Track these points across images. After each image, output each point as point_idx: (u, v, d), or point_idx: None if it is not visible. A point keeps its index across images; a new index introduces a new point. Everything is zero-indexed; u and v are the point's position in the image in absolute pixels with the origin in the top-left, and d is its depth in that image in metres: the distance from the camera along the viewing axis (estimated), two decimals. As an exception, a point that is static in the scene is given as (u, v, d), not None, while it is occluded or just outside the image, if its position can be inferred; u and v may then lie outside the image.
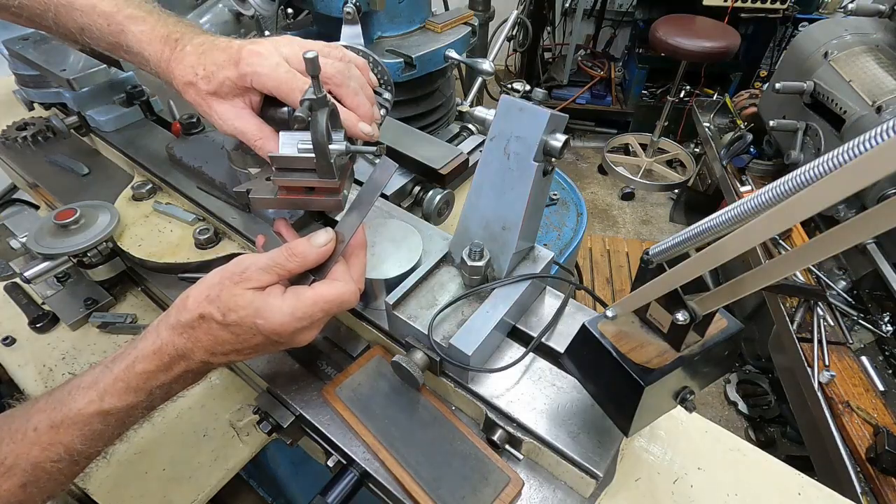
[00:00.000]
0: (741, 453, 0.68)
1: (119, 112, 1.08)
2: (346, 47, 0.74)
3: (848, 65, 1.61)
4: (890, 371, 1.36)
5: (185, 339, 0.55)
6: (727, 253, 0.37)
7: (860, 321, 1.46)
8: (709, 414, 2.22)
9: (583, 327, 0.55)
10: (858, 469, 1.20)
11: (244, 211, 0.87)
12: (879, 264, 1.45)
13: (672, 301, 0.47)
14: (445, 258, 0.70)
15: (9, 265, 0.96)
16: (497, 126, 0.60)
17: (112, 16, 0.68)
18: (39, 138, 1.15)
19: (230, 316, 0.54)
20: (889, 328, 1.42)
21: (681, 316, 0.46)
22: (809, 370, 1.37)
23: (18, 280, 0.98)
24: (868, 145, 0.26)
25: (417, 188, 0.97)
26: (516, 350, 0.68)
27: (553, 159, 0.59)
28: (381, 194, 0.91)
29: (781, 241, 1.68)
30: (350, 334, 0.77)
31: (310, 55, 0.53)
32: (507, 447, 0.63)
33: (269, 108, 0.67)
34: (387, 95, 0.80)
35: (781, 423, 2.02)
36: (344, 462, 0.66)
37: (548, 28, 3.74)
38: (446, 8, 1.36)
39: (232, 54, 0.63)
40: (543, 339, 0.67)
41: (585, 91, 3.79)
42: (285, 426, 0.68)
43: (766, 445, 1.98)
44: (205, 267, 0.86)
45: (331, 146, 0.59)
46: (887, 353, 1.40)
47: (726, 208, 0.37)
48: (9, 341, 0.91)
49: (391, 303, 0.64)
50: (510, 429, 0.62)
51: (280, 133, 0.63)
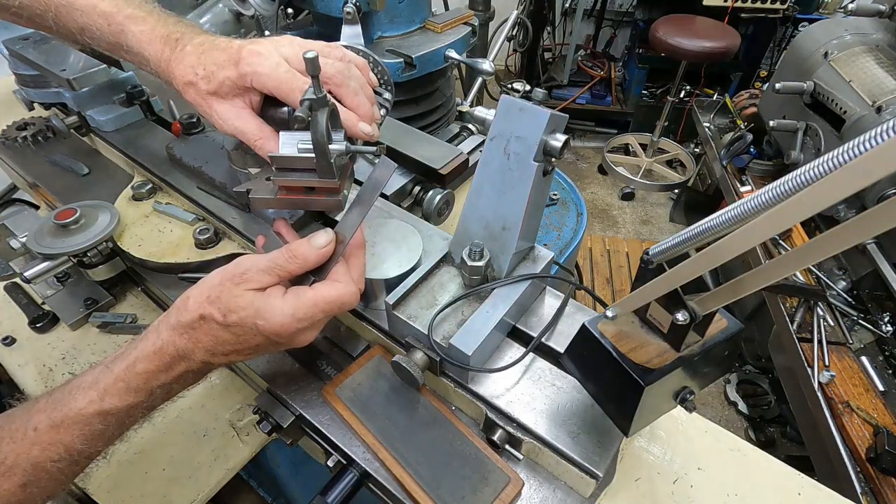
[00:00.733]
0: (741, 453, 0.68)
1: (119, 112, 1.08)
2: (346, 47, 0.74)
3: (848, 65, 1.61)
4: (890, 371, 1.36)
5: (186, 340, 0.55)
6: (727, 253, 0.37)
7: (860, 321, 1.46)
8: (709, 414, 2.22)
9: (583, 327, 0.55)
10: (858, 469, 1.20)
11: (244, 211, 0.87)
12: (879, 264, 1.45)
13: (672, 301, 0.47)
14: (445, 258, 0.70)
15: (9, 265, 0.97)
16: (497, 126, 0.60)
17: (112, 16, 0.68)
18: (39, 138, 1.15)
19: (231, 317, 0.54)
20: (889, 328, 1.42)
21: (681, 316, 0.46)
22: (809, 370, 1.37)
23: (18, 280, 0.98)
24: (868, 145, 0.26)
25: (417, 188, 0.97)
26: (516, 350, 0.68)
27: (553, 159, 0.59)
28: (381, 194, 0.91)
29: (781, 242, 1.68)
30: (350, 334, 0.77)
31: (310, 55, 0.53)
32: (507, 447, 0.63)
33: (269, 108, 0.67)
34: (387, 95, 0.80)
35: (781, 423, 2.02)
36: (344, 462, 0.66)
37: (548, 28, 3.74)
38: (446, 8, 1.36)
39: (232, 54, 0.63)
40: (543, 339, 0.67)
41: (585, 91, 3.79)
42: (285, 426, 0.68)
43: (766, 445, 1.98)
44: (205, 267, 0.86)
45: (331, 146, 0.60)
46: (887, 353, 1.40)
47: (726, 208, 0.37)
48: (9, 341, 0.91)
49: (391, 303, 0.64)
50: (510, 429, 0.62)
51: (280, 133, 0.63)
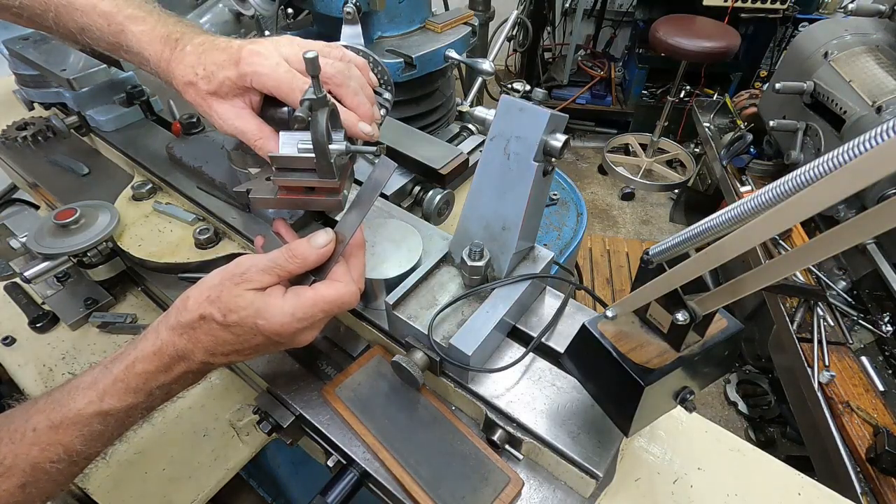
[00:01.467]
0: (741, 453, 0.68)
1: (119, 112, 1.08)
2: (346, 47, 0.74)
3: (848, 65, 1.61)
4: (890, 371, 1.36)
5: (186, 340, 0.55)
6: (727, 253, 0.37)
7: (860, 321, 1.46)
8: (709, 414, 2.22)
9: (583, 327, 0.55)
10: (858, 469, 1.20)
11: (244, 211, 0.87)
12: (879, 264, 1.45)
13: (672, 301, 0.47)
14: (445, 258, 0.70)
15: (9, 265, 0.97)
16: (497, 126, 0.60)
17: (112, 16, 0.68)
18: (39, 138, 1.15)
19: (231, 317, 0.54)
20: (889, 328, 1.42)
21: (681, 316, 0.46)
22: (809, 370, 1.37)
23: (18, 280, 0.98)
24: (868, 145, 0.26)
25: (417, 188, 0.97)
26: (516, 350, 0.68)
27: (553, 159, 0.59)
28: (381, 194, 0.91)
29: (781, 242, 1.68)
30: (350, 334, 0.77)
31: (310, 55, 0.53)
32: (507, 447, 0.63)
33: (269, 108, 0.67)
34: (387, 95, 0.80)
35: (781, 423, 2.02)
36: (344, 462, 0.66)
37: (548, 28, 3.74)
38: (446, 8, 1.36)
39: (232, 54, 0.63)
40: (543, 339, 0.67)
41: (585, 91, 3.79)
42: (285, 426, 0.68)
43: (766, 445, 1.98)
44: (205, 267, 0.86)
45: (331, 146, 0.60)
46: (887, 354, 1.40)
47: (726, 208, 0.37)
48: (9, 341, 0.91)
49: (391, 303, 0.64)
50: (510, 429, 0.62)
51: (280, 133, 0.63)
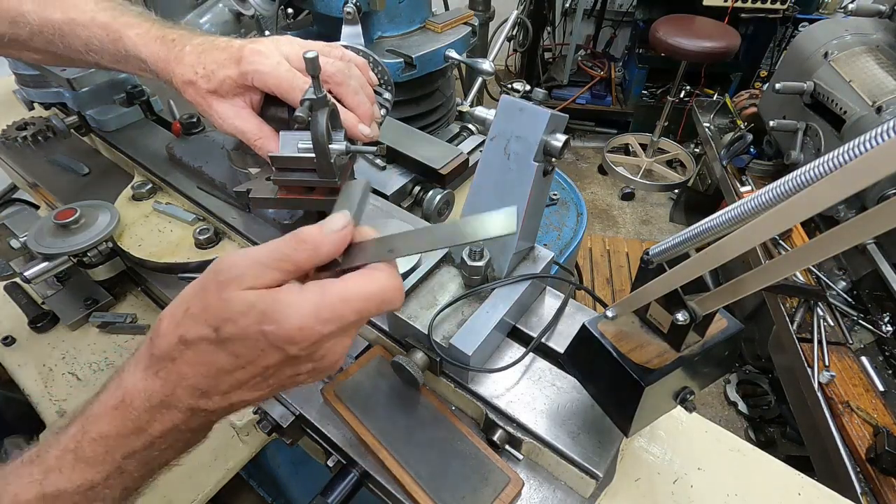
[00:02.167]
0: (741, 453, 0.68)
1: (119, 112, 1.08)
2: (346, 47, 0.74)
3: (848, 65, 1.61)
4: (890, 371, 1.36)
5: (163, 381, 0.40)
6: (727, 253, 0.37)
7: (860, 321, 1.46)
8: (709, 414, 2.22)
9: (583, 327, 0.55)
10: (858, 469, 1.20)
11: (244, 211, 0.87)
12: (879, 264, 1.45)
13: (672, 301, 0.47)
14: (445, 258, 0.70)
15: (9, 265, 0.96)
16: (497, 126, 0.60)
17: (109, 25, 0.69)
18: (39, 138, 1.15)
19: (226, 328, 0.38)
20: (889, 328, 1.42)
21: (681, 316, 0.46)
22: (809, 370, 1.37)
23: (18, 280, 0.98)
24: (868, 146, 0.26)
25: (417, 188, 0.97)
26: (516, 350, 0.68)
27: (553, 159, 0.59)
28: (382, 194, 0.91)
29: (781, 242, 1.68)
30: (350, 334, 0.77)
31: (310, 55, 0.53)
32: (507, 447, 0.63)
33: (269, 108, 0.67)
34: (387, 95, 0.80)
35: (781, 423, 2.02)
36: (344, 462, 0.66)
37: (548, 28, 3.74)
38: (446, 8, 1.36)
39: (233, 53, 0.63)
40: (543, 340, 0.67)
41: (585, 91, 3.79)
42: (285, 426, 0.68)
43: (766, 445, 1.98)
44: (205, 267, 0.85)
45: (331, 146, 0.60)
46: (887, 354, 1.40)
47: (727, 208, 0.37)
48: (9, 341, 0.91)
49: (391, 303, 0.64)
50: (510, 429, 0.62)
51: (280, 133, 0.63)
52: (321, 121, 0.57)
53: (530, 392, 0.64)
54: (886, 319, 1.44)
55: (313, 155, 0.60)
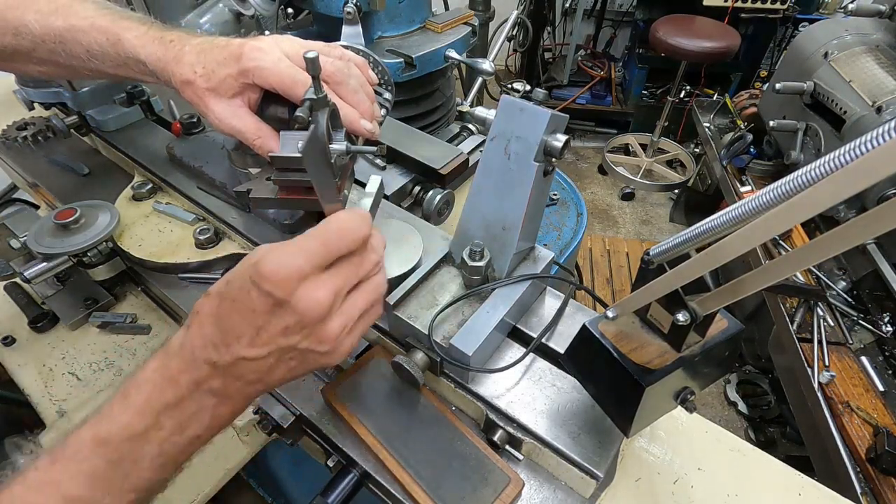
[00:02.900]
0: (741, 453, 0.68)
1: (119, 112, 1.08)
2: (346, 47, 0.74)
3: (848, 65, 1.61)
4: (890, 371, 1.36)
5: (188, 331, 0.45)
6: (728, 253, 0.37)
7: (860, 321, 1.46)
8: (709, 414, 2.22)
9: (583, 328, 0.55)
10: (858, 469, 1.20)
11: (244, 211, 0.87)
12: (879, 264, 1.45)
13: (673, 301, 0.47)
14: (446, 258, 0.70)
15: (9, 265, 0.96)
16: (497, 126, 0.60)
17: (108, 28, 0.70)
18: (39, 138, 1.15)
19: (231, 279, 0.44)
20: (889, 328, 1.42)
21: (681, 316, 0.46)
22: (809, 370, 1.37)
23: (18, 280, 0.98)
24: (868, 146, 0.26)
25: (417, 188, 0.97)
26: (516, 350, 0.68)
27: (553, 159, 0.59)
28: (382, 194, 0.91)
29: (782, 242, 1.68)
30: (350, 334, 0.77)
31: (310, 55, 0.53)
32: (508, 447, 0.63)
33: (268, 107, 0.67)
34: (387, 95, 0.80)
35: (781, 424, 2.02)
36: (344, 462, 0.66)
37: (548, 28, 3.74)
38: (446, 8, 1.36)
39: (233, 51, 0.63)
40: (543, 340, 0.67)
41: (585, 91, 3.79)
42: (285, 426, 0.68)
43: (766, 445, 1.98)
44: (205, 267, 0.86)
45: (331, 146, 0.59)
46: (887, 354, 1.40)
47: (727, 209, 0.37)
48: (9, 341, 0.91)
49: (391, 303, 0.64)
50: (510, 429, 0.62)
51: (280, 133, 0.63)
52: (321, 121, 0.57)
53: (530, 392, 0.64)
54: (886, 319, 1.44)
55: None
